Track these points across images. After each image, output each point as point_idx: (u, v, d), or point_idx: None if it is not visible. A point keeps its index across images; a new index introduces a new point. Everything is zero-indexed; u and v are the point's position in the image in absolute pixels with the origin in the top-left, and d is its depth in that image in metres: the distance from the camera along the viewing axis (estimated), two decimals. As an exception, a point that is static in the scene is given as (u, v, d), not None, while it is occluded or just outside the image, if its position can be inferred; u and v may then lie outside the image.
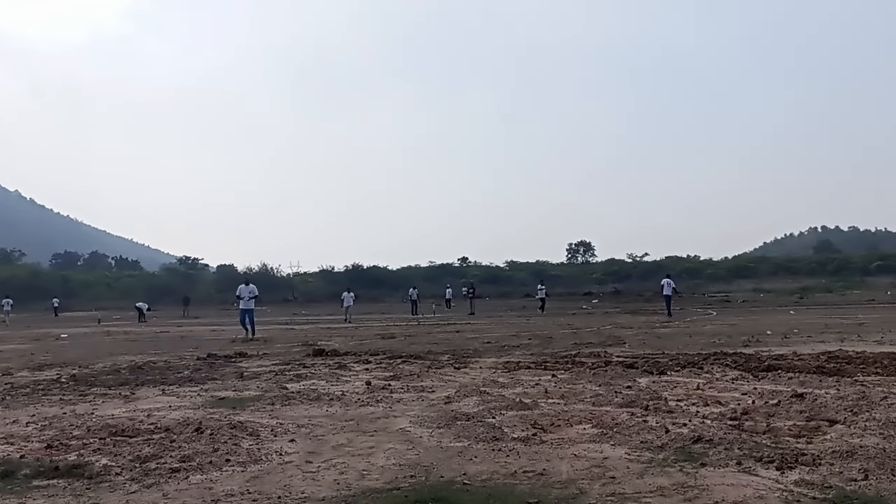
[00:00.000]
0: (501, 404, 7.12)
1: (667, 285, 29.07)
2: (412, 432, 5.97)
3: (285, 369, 10.92)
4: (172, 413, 7.08)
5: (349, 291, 32.95)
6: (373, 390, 8.41)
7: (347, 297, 31.99)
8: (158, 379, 10.04)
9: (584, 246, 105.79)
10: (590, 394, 7.72)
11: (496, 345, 15.13)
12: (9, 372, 11.52)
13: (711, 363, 10.17)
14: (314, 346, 15.15)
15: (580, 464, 4.77)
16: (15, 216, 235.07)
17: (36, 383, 9.86)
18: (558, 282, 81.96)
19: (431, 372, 10.23)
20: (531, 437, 5.63)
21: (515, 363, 10.98)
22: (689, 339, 15.57)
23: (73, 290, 73.14)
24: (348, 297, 32.00)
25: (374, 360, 12.06)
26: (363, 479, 4.53)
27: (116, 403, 7.94)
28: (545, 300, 36.79)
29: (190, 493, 4.28)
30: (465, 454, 5.12)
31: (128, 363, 12.37)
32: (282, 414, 6.98)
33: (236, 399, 8.04)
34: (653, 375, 9.19)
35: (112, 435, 5.96)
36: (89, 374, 10.93)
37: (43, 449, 5.52)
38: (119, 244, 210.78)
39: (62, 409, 7.52)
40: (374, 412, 7.01)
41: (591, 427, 5.96)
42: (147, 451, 5.31)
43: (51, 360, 13.85)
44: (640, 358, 11.17)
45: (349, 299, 31.91)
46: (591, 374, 9.44)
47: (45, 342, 20.31)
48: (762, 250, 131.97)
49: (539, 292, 37.31)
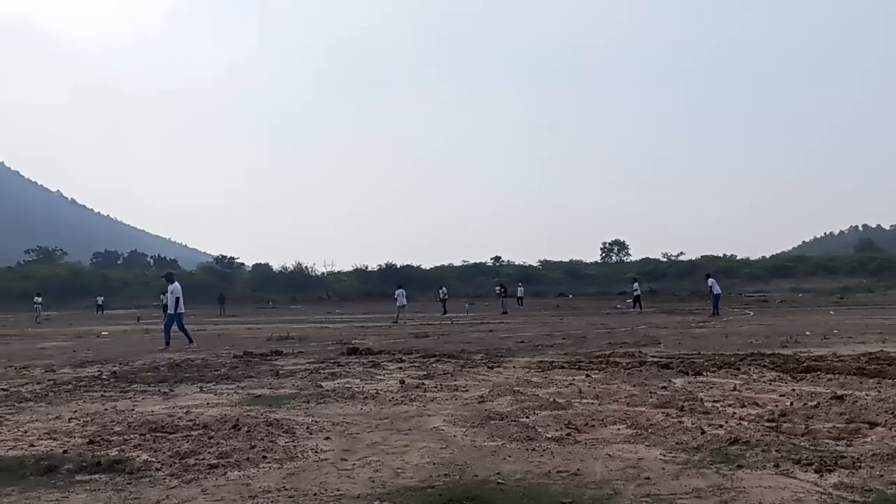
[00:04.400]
0: (535, 404, 7.11)
1: (715, 284, 28.72)
2: (446, 431, 6.00)
3: (320, 367, 11.02)
4: (210, 410, 7.20)
5: (400, 287, 30.66)
6: (407, 389, 8.46)
7: (400, 295, 29.84)
8: (196, 376, 10.20)
9: (618, 245, 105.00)
10: (624, 394, 7.68)
11: (530, 344, 15.09)
12: (52, 368, 11.78)
13: (748, 364, 10.04)
14: (348, 344, 15.26)
15: (614, 464, 4.75)
16: (57, 216, 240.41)
17: (78, 380, 10.08)
18: (592, 281, 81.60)
19: (465, 371, 10.25)
20: (565, 436, 5.62)
21: (549, 363, 10.96)
22: (726, 339, 15.37)
23: (113, 289, 74.44)
24: (401, 295, 29.85)
25: (408, 358, 12.11)
26: (397, 478, 4.57)
27: (156, 400, 8.09)
28: (640, 297, 36.66)
29: (228, 489, 4.36)
30: (498, 453, 5.13)
31: (166, 361, 12.58)
32: (317, 412, 7.05)
33: (272, 397, 8.14)
34: (688, 376, 9.10)
35: (152, 431, 6.08)
36: (129, 371, 11.14)
37: (85, 444, 5.65)
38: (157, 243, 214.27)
39: (103, 406, 7.69)
40: (408, 411, 7.05)
41: (626, 427, 5.93)
42: (186, 447, 5.41)
43: (92, 357, 14.13)
44: (675, 358, 11.06)
45: (402, 297, 29.73)
46: (625, 374, 9.38)
47: (87, 339, 20.74)
48: (801, 249, 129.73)
49: (634, 290, 37.21)
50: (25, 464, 5.04)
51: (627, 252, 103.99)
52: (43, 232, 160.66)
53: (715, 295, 28.26)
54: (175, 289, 17.47)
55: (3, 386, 9.52)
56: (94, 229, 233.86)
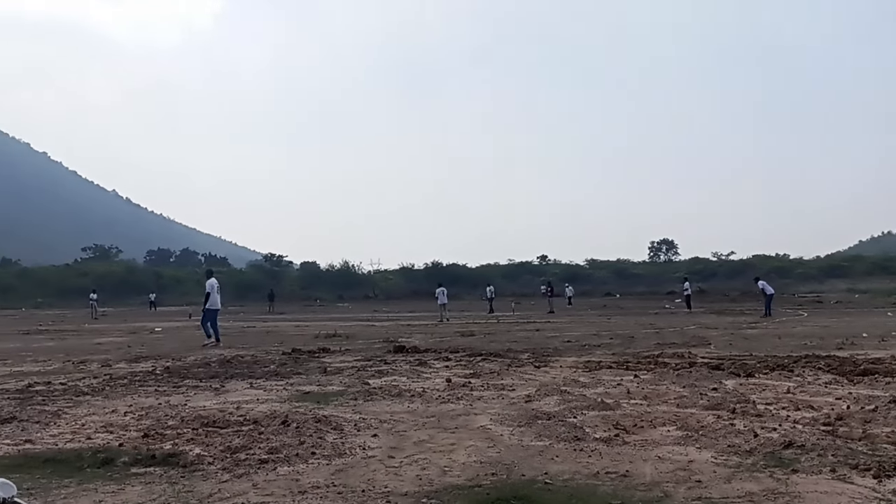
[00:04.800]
0: (583, 404, 7.06)
1: (766, 285, 28.16)
2: (493, 430, 5.99)
3: (367, 365, 11.10)
4: (260, 406, 7.31)
5: (441, 286, 31.20)
6: (453, 387, 8.47)
7: (441, 294, 30.25)
8: (246, 373, 10.36)
9: (666, 244, 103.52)
10: (674, 395, 7.57)
11: (577, 344, 14.98)
12: (108, 363, 12.11)
13: (803, 366, 9.82)
14: (395, 342, 15.35)
15: (664, 466, 4.69)
16: (112, 214, 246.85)
17: (133, 375, 10.33)
18: (640, 281, 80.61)
19: (511, 370, 10.22)
20: (613, 437, 5.57)
21: (596, 363, 10.86)
22: (779, 340, 15.04)
23: (166, 286, 76.13)
24: (442, 294, 30.26)
25: (455, 357, 12.13)
26: (445, 476, 4.57)
27: (207, 395, 8.25)
28: (690, 297, 36.37)
29: (278, 484, 4.41)
30: (546, 453, 5.10)
31: (217, 357, 12.82)
32: (364, 409, 7.11)
33: (320, 394, 8.23)
34: (740, 378, 8.93)
35: (204, 426, 6.20)
36: (182, 366, 11.37)
37: (140, 438, 5.78)
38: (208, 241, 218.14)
39: (157, 400, 7.86)
40: (455, 409, 7.06)
41: (676, 429, 5.84)
42: (237, 442, 5.50)
43: (146, 352, 14.48)
44: (726, 359, 10.87)
45: (443, 296, 30.16)
46: (674, 375, 9.25)
47: (141, 335, 21.25)
48: (857, 249, 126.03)
49: (685, 290, 36.91)
50: (83, 456, 5.17)
51: (676, 251, 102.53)
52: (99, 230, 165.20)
53: (768, 295, 27.67)
54: (207, 284, 17.37)
55: (61, 380, 9.80)
56: (147, 228, 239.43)
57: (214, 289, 17.14)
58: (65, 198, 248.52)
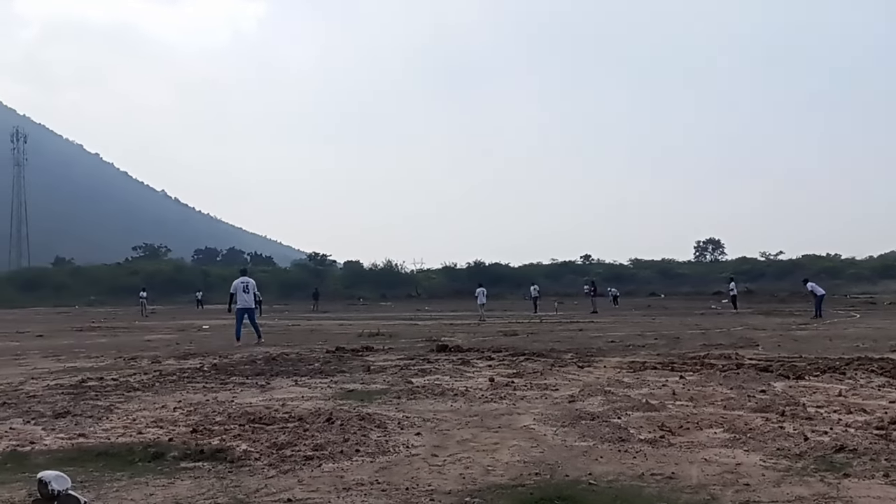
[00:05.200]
0: (627, 405, 7.00)
1: (816, 286, 27.55)
2: (536, 430, 5.97)
3: (410, 364, 11.15)
4: (305, 403, 7.40)
5: (481, 286, 31.44)
6: (496, 387, 8.46)
7: (481, 294, 30.52)
8: (291, 370, 10.49)
9: (712, 243, 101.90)
10: (720, 397, 7.46)
11: (620, 344, 14.85)
12: (157, 360, 12.37)
13: (855, 368, 9.59)
14: (438, 341, 15.39)
15: (711, 469, 4.62)
16: (161, 214, 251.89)
17: (181, 371, 10.54)
18: (685, 281, 79.54)
19: (555, 370, 10.17)
20: (659, 439, 5.51)
21: (641, 363, 10.75)
22: (830, 342, 14.70)
23: (213, 284, 77.40)
24: (482, 293, 30.53)
25: (497, 356, 12.11)
26: (488, 475, 4.57)
27: (254, 392, 8.37)
28: (735, 297, 36.02)
29: (323, 481, 4.46)
30: (590, 454, 5.07)
31: (263, 355, 12.99)
32: (408, 407, 7.14)
33: (364, 392, 8.29)
34: (789, 380, 8.75)
35: (250, 422, 6.30)
36: (229, 363, 11.57)
37: (189, 433, 5.90)
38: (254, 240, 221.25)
39: (205, 396, 8.01)
40: (498, 409, 7.05)
41: (723, 431, 5.75)
42: (283, 438, 5.58)
43: (194, 349, 14.76)
44: (774, 361, 10.66)
45: (483, 296, 30.45)
46: (721, 376, 9.11)
47: (189, 333, 21.66)
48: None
49: (731, 290, 36.59)
50: (134, 450, 5.30)
51: (722, 251, 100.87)
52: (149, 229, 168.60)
53: (818, 296, 27.05)
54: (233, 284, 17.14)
55: (113, 376, 10.05)
56: (195, 227, 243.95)
57: (238, 289, 16.93)
58: (116, 198, 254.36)
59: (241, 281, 17.05)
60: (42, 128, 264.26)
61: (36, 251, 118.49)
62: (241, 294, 16.87)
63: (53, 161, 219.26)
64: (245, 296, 16.87)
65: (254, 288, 17.14)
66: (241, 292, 16.87)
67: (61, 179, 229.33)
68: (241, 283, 17.01)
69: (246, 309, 16.82)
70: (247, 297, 16.90)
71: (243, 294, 16.87)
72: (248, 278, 17.25)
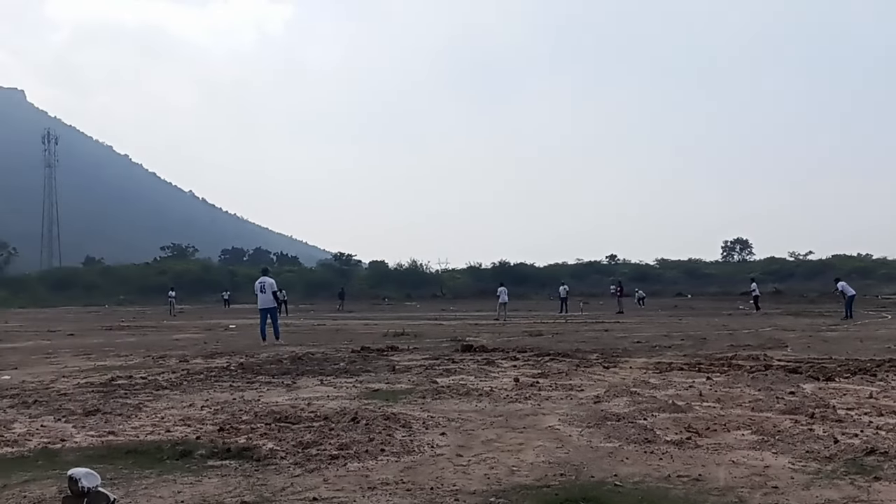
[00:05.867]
0: (653, 406, 6.95)
1: (846, 287, 27.14)
2: (561, 430, 5.95)
3: (435, 364, 11.16)
4: (330, 403, 7.44)
5: (502, 285, 31.44)
6: (521, 387, 8.44)
7: (502, 293, 30.45)
8: (317, 370, 10.55)
9: (740, 243, 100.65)
10: (748, 398, 7.38)
11: (646, 345, 14.74)
12: (185, 359, 12.50)
13: (886, 370, 9.43)
14: (462, 341, 15.39)
15: (739, 471, 4.57)
16: (189, 214, 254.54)
17: (209, 370, 10.64)
18: (712, 281, 78.67)
19: (580, 370, 10.12)
20: (685, 440, 5.46)
21: (667, 364, 10.66)
22: (860, 343, 14.47)
23: (239, 284, 78.01)
24: (503, 293, 30.45)
25: (522, 357, 12.08)
26: (513, 475, 4.57)
27: (280, 391, 8.43)
28: (758, 298, 35.76)
29: (348, 480, 4.48)
30: (615, 455, 5.04)
31: (289, 354, 13.08)
32: (432, 407, 7.15)
33: (389, 391, 8.31)
34: (819, 381, 8.63)
35: (276, 421, 6.35)
36: (255, 363, 11.66)
37: (216, 431, 5.96)
38: (280, 241, 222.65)
39: (232, 395, 8.08)
40: (523, 409, 7.03)
41: (751, 433, 5.69)
42: (308, 437, 5.62)
43: (221, 348, 14.90)
44: (803, 362, 10.51)
45: (504, 295, 30.38)
46: (749, 377, 9.01)
47: (216, 332, 21.86)
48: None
49: (753, 290, 36.30)
50: (162, 448, 5.37)
51: (750, 251, 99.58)
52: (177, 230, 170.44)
53: (849, 297, 26.64)
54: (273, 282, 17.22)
55: (142, 374, 10.18)
56: (222, 227, 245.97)
57: (256, 289, 17.12)
58: (145, 198, 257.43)
59: (259, 281, 17.25)
60: (73, 130, 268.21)
61: (67, 251, 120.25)
62: (259, 294, 17.07)
63: (84, 162, 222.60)
64: (262, 296, 16.99)
65: (271, 287, 17.04)
66: (258, 292, 17.06)
67: (92, 180, 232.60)
68: (258, 283, 17.20)
69: (265, 308, 16.89)
70: (263, 296, 16.98)
71: (260, 294, 17.03)
72: (266, 278, 17.32)
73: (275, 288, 17.24)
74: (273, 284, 17.21)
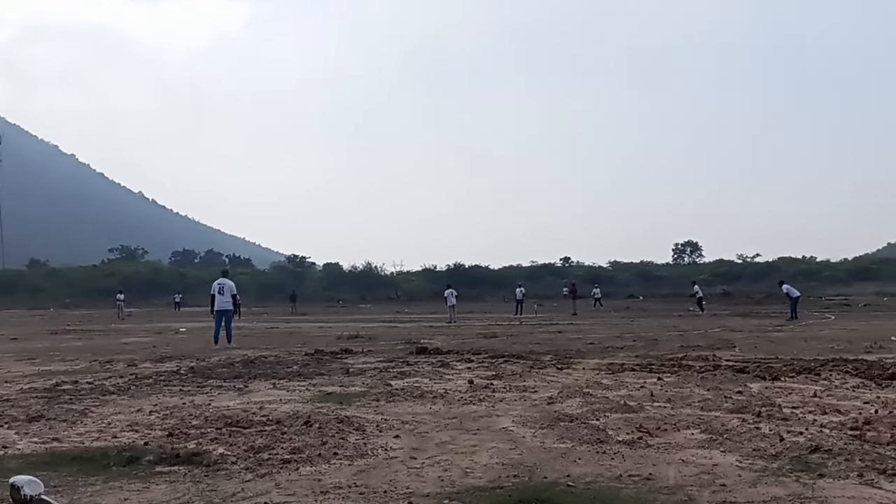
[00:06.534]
0: (605, 406, 7.03)
1: (791, 289, 27.84)
2: (515, 432, 5.97)
3: (389, 366, 11.12)
4: (283, 406, 7.35)
5: (450, 287, 31.51)
6: (475, 389, 8.45)
7: (450, 295, 30.62)
8: (269, 373, 10.43)
9: (690, 246, 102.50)
10: (698, 398, 7.51)
11: (599, 346, 14.91)
12: (133, 363, 12.24)
13: (830, 370, 9.69)
14: (417, 344, 15.36)
15: (688, 470, 4.65)
16: (139, 216, 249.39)
17: (158, 374, 10.43)
18: (663, 283, 79.92)
19: (534, 372, 10.19)
20: (637, 440, 5.53)
21: (619, 365, 10.80)
22: (805, 343, 14.86)
23: (190, 287, 76.77)
24: (451, 295, 30.64)
25: (477, 359, 12.11)
26: (467, 477, 4.57)
27: (231, 395, 8.31)
28: (702, 299, 36.57)
29: (300, 484, 4.44)
30: (568, 455, 5.08)
31: (241, 357, 12.91)
32: (386, 410, 7.12)
33: (343, 394, 8.25)
34: (765, 381, 8.84)
35: (227, 425, 6.25)
36: (206, 366, 11.46)
37: (165, 437, 5.84)
38: (232, 242, 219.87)
39: (182, 400, 7.94)
40: (477, 411, 7.05)
41: (700, 432, 5.80)
42: (260, 442, 5.54)
43: (171, 352, 14.62)
44: (751, 362, 10.75)
45: (452, 297, 30.54)
46: (698, 377, 9.18)
47: (166, 336, 21.46)
48: (886, 251, 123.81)
49: (696, 293, 36.98)
50: (109, 454, 5.23)
51: (700, 253, 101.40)
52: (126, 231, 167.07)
53: (793, 298, 27.35)
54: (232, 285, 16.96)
55: (88, 379, 9.93)
56: (173, 229, 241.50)
57: (215, 290, 16.72)
58: (92, 199, 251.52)
59: (217, 283, 16.86)
60: (17, 128, 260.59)
61: (10, 253, 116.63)
62: (217, 296, 16.62)
63: (28, 162, 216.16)
64: (220, 297, 16.59)
65: (230, 290, 16.71)
66: (216, 293, 16.63)
67: (36, 181, 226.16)
68: (217, 284, 16.80)
69: (221, 311, 16.53)
70: (221, 298, 16.59)
71: (218, 295, 16.61)
72: (225, 280, 16.97)
73: (234, 290, 16.91)
74: (232, 287, 16.92)
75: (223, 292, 16.59)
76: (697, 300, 36.43)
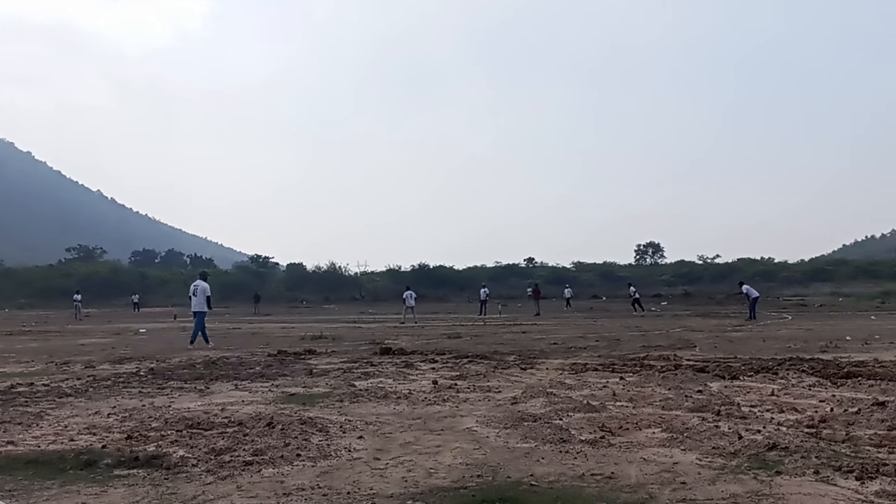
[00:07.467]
0: (568, 406, 7.07)
1: (750, 290, 28.32)
2: (479, 432, 5.99)
3: (353, 367, 11.07)
4: (245, 408, 7.27)
5: (409, 289, 31.36)
6: (439, 389, 8.46)
7: (409, 296, 30.46)
8: (231, 374, 10.31)
9: (652, 247, 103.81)
10: (659, 397, 7.60)
11: (563, 346, 15.02)
12: (91, 365, 12.01)
13: (787, 369, 9.88)
14: (381, 344, 15.31)
15: (649, 468, 4.70)
16: (97, 215, 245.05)
17: (117, 376, 10.25)
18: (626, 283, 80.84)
19: (498, 372, 10.23)
20: (599, 439, 5.58)
21: (582, 365, 10.89)
22: (763, 343, 15.14)
23: (151, 287, 75.68)
24: (410, 296, 30.48)
25: (441, 359, 12.11)
26: (430, 478, 4.57)
27: (192, 397, 8.20)
28: (639, 300, 37.18)
29: (262, 486, 4.39)
30: (532, 455, 5.11)
31: (202, 358, 12.74)
32: (350, 411, 7.09)
33: (306, 395, 8.20)
34: (725, 380, 8.99)
35: (188, 427, 6.17)
36: (166, 368, 11.30)
37: (123, 440, 5.74)
38: (194, 242, 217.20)
39: (141, 402, 7.81)
40: (441, 411, 7.05)
41: (661, 431, 5.87)
42: (221, 444, 5.47)
43: (130, 353, 14.37)
44: (711, 362, 10.92)
45: (411, 299, 30.41)
46: (660, 377, 9.29)
47: (125, 336, 21.09)
48: (841, 252, 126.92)
49: (632, 294, 37.59)
50: (65, 458, 5.13)
51: (662, 254, 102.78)
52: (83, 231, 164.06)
53: (752, 299, 27.83)
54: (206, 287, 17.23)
55: (44, 381, 9.72)
56: (132, 228, 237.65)
57: (191, 291, 17.21)
58: (49, 198, 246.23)
59: (193, 284, 17.30)
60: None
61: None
62: (192, 298, 17.04)
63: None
64: (194, 299, 16.99)
65: (203, 292, 16.92)
66: (192, 295, 17.07)
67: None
68: (193, 286, 17.21)
69: (194, 312, 16.88)
70: (195, 300, 16.94)
71: (193, 297, 17.03)
72: (202, 282, 17.30)
73: (208, 293, 17.11)
74: (207, 289, 17.14)
75: (196, 294, 16.96)
76: (633, 301, 36.93)
